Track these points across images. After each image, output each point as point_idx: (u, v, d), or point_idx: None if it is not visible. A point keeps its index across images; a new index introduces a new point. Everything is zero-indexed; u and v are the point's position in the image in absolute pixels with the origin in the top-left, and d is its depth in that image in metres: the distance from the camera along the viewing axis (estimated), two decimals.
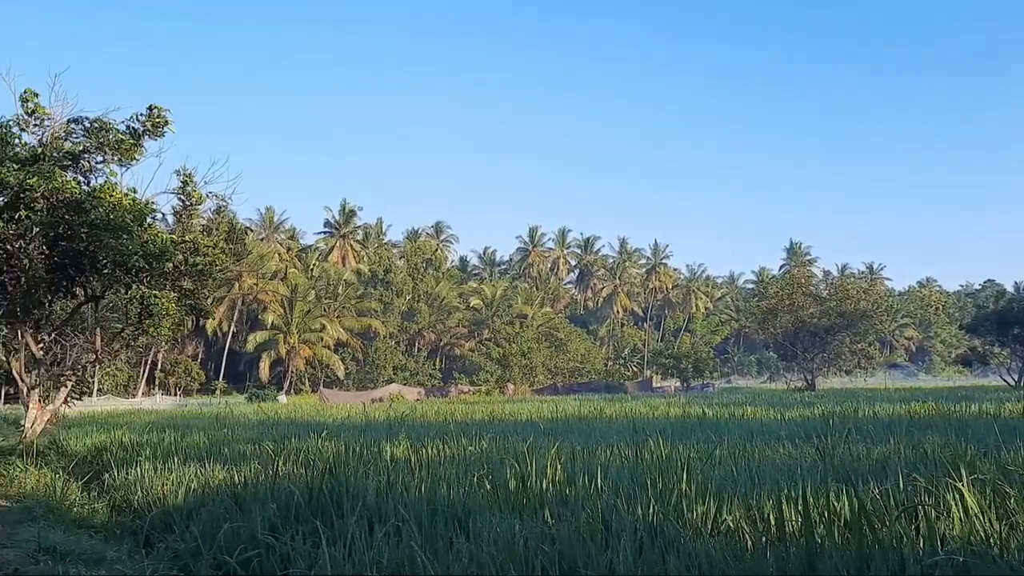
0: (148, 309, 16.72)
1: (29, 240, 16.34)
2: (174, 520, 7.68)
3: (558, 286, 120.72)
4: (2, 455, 15.71)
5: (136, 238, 15.89)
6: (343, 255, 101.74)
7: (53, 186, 15.65)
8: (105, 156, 17.25)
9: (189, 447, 13.46)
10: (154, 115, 17.23)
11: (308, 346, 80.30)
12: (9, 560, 6.71)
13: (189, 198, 18.36)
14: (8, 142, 17.03)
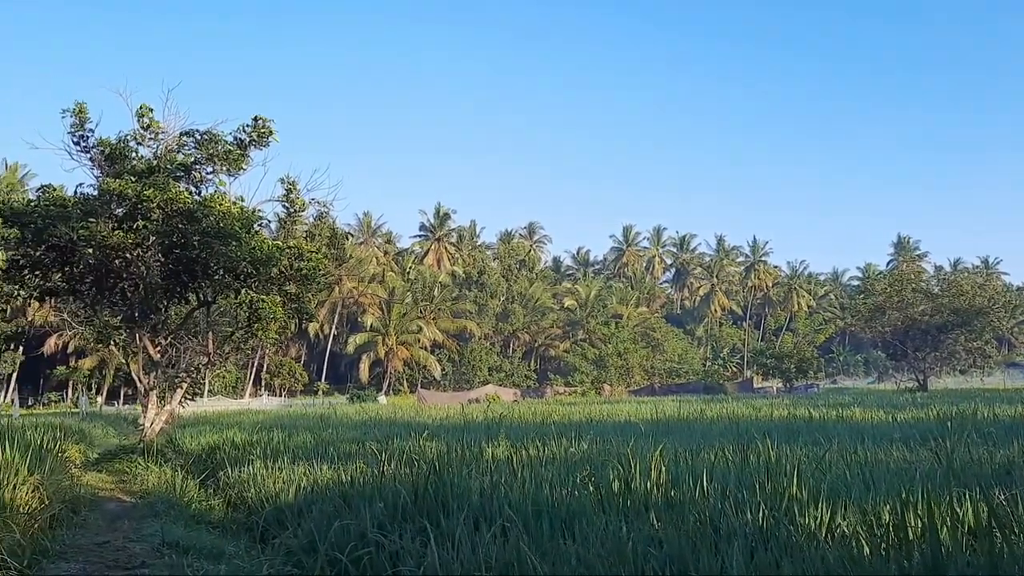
0: (256, 313, 17.35)
1: (146, 248, 17.18)
2: (286, 517, 7.92)
3: (653, 285, 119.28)
4: (125, 453, 16.58)
5: (244, 245, 16.53)
6: (438, 258, 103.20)
7: (168, 196, 16.44)
8: (215, 167, 18.02)
9: (297, 446, 13.81)
10: (259, 126, 17.89)
11: (405, 347, 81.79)
12: (136, 554, 7.06)
13: (293, 205, 18.98)
14: (126, 156, 18.00)
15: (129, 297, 18.29)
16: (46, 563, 6.61)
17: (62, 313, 23.77)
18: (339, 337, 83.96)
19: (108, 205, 17.20)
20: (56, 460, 10.50)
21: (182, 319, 19.88)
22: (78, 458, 15.24)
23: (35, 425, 16.11)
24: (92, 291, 18.47)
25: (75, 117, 17.95)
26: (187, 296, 19.07)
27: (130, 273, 17.62)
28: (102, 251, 16.64)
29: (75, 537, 7.82)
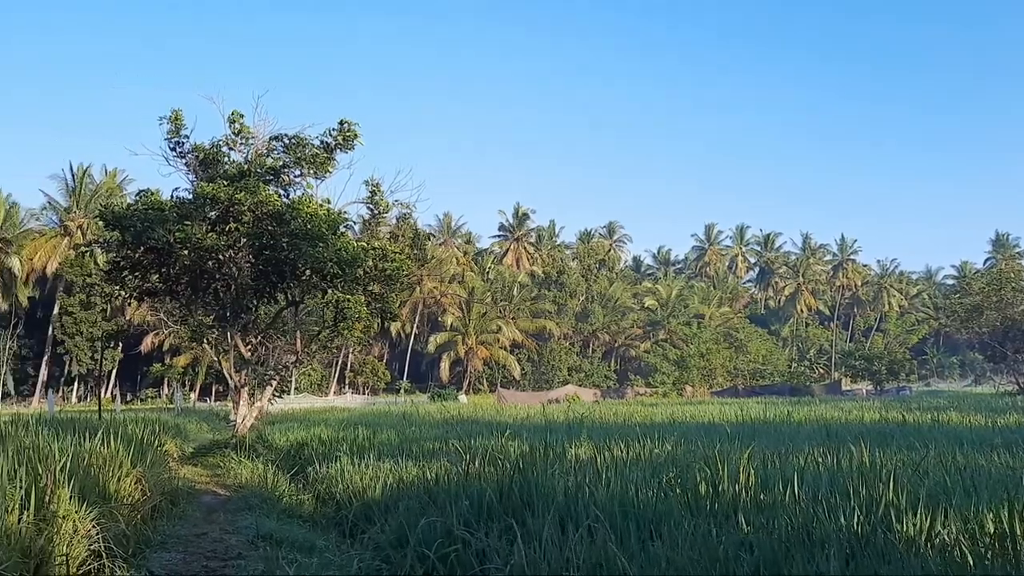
0: (342, 312, 17.74)
1: (238, 250, 17.75)
2: (374, 513, 8.07)
3: (736, 285, 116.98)
4: (218, 448, 17.16)
5: (331, 246, 16.91)
6: (517, 258, 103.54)
7: (258, 199, 16.95)
8: (302, 170, 18.49)
9: (382, 444, 14.03)
10: (344, 129, 18.28)
11: (485, 347, 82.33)
12: (232, 545, 7.31)
13: (377, 207, 19.33)
14: (219, 160, 18.64)
15: (221, 297, 18.90)
16: (149, 552, 6.89)
17: (159, 313, 24.76)
18: (420, 336, 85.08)
19: (202, 208, 17.82)
20: (156, 454, 10.94)
21: (271, 318, 20.44)
22: (175, 452, 15.84)
23: (134, 420, 16.81)
24: (187, 291, 19.16)
25: (171, 124, 18.68)
26: (276, 296, 19.60)
27: (222, 274, 18.20)
28: (197, 253, 17.25)
29: (174, 528, 8.13)
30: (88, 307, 72.32)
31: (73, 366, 73.47)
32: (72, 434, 9.28)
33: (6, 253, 70.83)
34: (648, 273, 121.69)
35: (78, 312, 72.38)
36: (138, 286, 19.26)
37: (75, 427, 10.94)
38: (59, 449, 7.51)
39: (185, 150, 18.92)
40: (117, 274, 18.89)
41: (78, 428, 10.52)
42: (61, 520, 5.79)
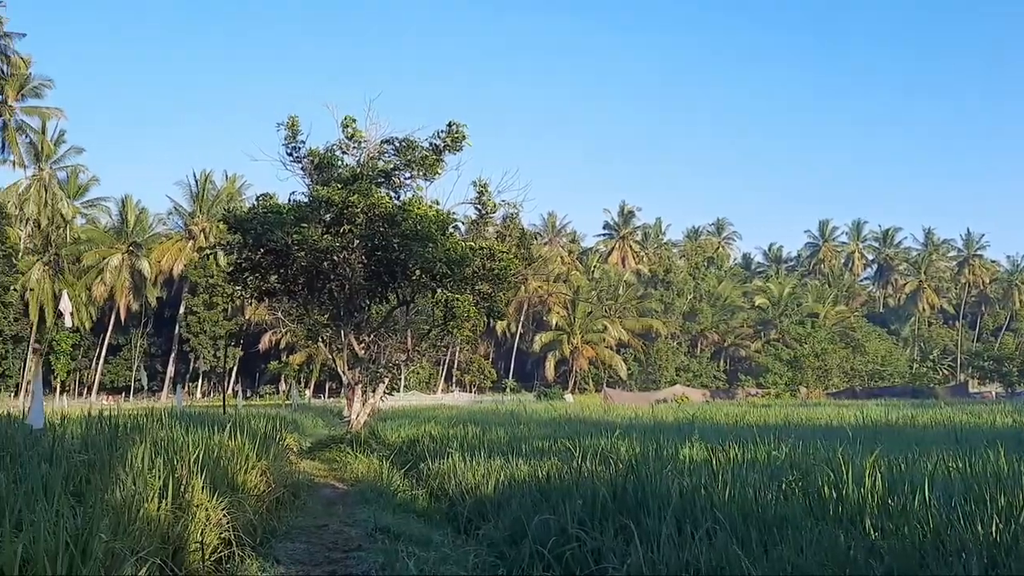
0: (452, 311, 17.99)
1: (351, 251, 18.24)
2: (487, 509, 8.15)
3: (853, 282, 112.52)
4: (334, 443, 17.70)
5: (440, 246, 17.18)
6: (623, 256, 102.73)
7: (370, 202, 17.39)
8: (412, 172, 18.86)
9: (491, 441, 14.12)
10: (453, 131, 18.54)
11: (591, 346, 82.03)
12: (352, 537, 7.53)
13: (484, 207, 19.51)
14: (333, 164, 19.22)
15: (336, 297, 19.47)
16: (275, 542, 7.17)
17: (276, 312, 25.72)
18: (525, 336, 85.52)
19: (318, 211, 18.42)
20: (278, 448, 11.36)
21: (383, 317, 20.94)
22: (294, 446, 16.44)
23: (255, 415, 17.52)
24: (304, 291, 19.83)
25: (288, 130, 19.38)
26: (387, 296, 20.05)
27: (337, 274, 18.75)
28: (313, 254, 17.82)
29: (297, 519, 8.44)
30: (211, 307, 75.96)
31: (198, 363, 77.30)
32: (201, 428, 9.75)
33: (137, 256, 75.14)
34: (759, 271, 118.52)
35: (202, 312, 76.11)
36: (258, 286, 20.04)
37: (203, 421, 11.51)
38: (191, 442, 7.91)
39: (301, 155, 19.59)
40: (239, 275, 19.72)
41: (206, 422, 11.06)
42: (195, 509, 6.08)
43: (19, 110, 60.74)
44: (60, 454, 6.32)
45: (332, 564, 6.45)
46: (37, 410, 8.06)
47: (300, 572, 6.13)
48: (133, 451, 6.57)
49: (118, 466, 6.14)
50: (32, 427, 7.94)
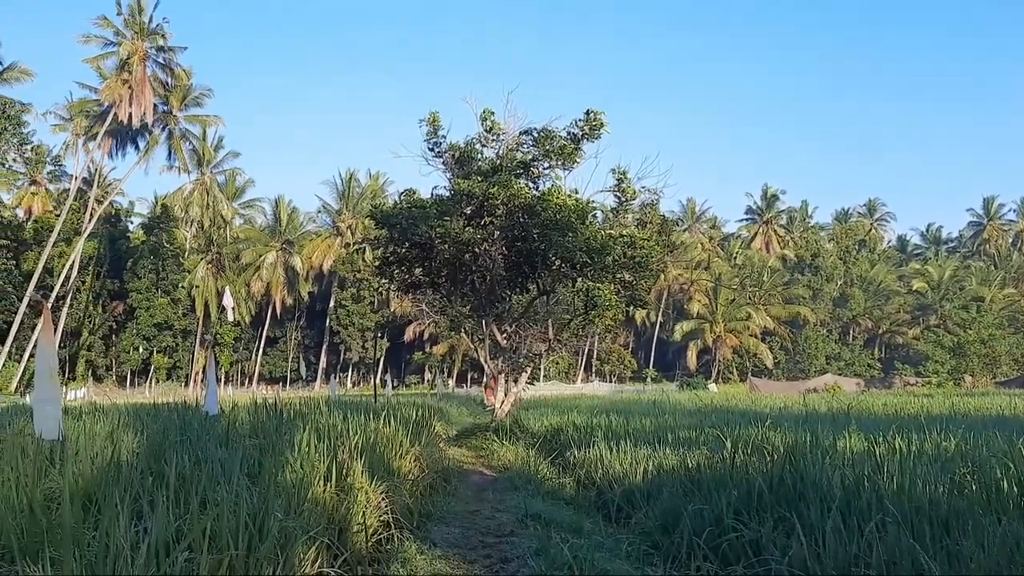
0: (593, 301, 17.91)
1: (492, 243, 18.47)
2: (635, 498, 8.08)
3: (1023, 264, 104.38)
4: (480, 431, 18.03)
5: (580, 235, 17.13)
6: (766, 241, 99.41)
7: (510, 193, 17.54)
8: (551, 162, 18.89)
9: (636, 430, 13.99)
10: (591, 119, 18.43)
11: (734, 335, 79.95)
12: (504, 523, 7.64)
13: (624, 194, 19.30)
14: (473, 158, 19.52)
15: (477, 288, 19.78)
16: (430, 525, 7.38)
17: (420, 304, 26.41)
18: (666, 324, 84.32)
19: (459, 204, 18.75)
20: (429, 435, 11.68)
21: (524, 307, 21.11)
22: (443, 434, 16.86)
23: (404, 404, 18.08)
24: (447, 283, 20.26)
25: (429, 126, 19.82)
26: (528, 286, 20.20)
27: (478, 266, 19.04)
28: (455, 246, 18.16)
29: (449, 504, 8.64)
30: (358, 300, 79.17)
31: (348, 354, 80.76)
32: (356, 415, 10.15)
33: (290, 253, 79.19)
34: (916, 253, 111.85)
35: (350, 305, 79.43)
36: (404, 279, 20.64)
37: (357, 409, 11.98)
38: (351, 428, 8.24)
39: (442, 150, 19.99)
40: (386, 268, 20.36)
41: (360, 410, 11.51)
42: (357, 492, 6.34)
43: (182, 119, 65.15)
44: (234, 438, 6.73)
45: (487, 548, 6.56)
46: (212, 398, 8.63)
47: (456, 555, 6.27)
48: (299, 436, 6.92)
49: (286, 450, 6.47)
50: (207, 413, 8.51)
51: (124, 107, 57.45)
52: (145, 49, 58.83)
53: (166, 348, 75.71)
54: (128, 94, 57.40)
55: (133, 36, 58.59)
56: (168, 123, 63.86)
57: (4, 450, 5.56)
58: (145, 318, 73.24)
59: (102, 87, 59.01)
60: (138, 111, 57.96)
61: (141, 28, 58.84)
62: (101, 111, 60.58)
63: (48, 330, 5.15)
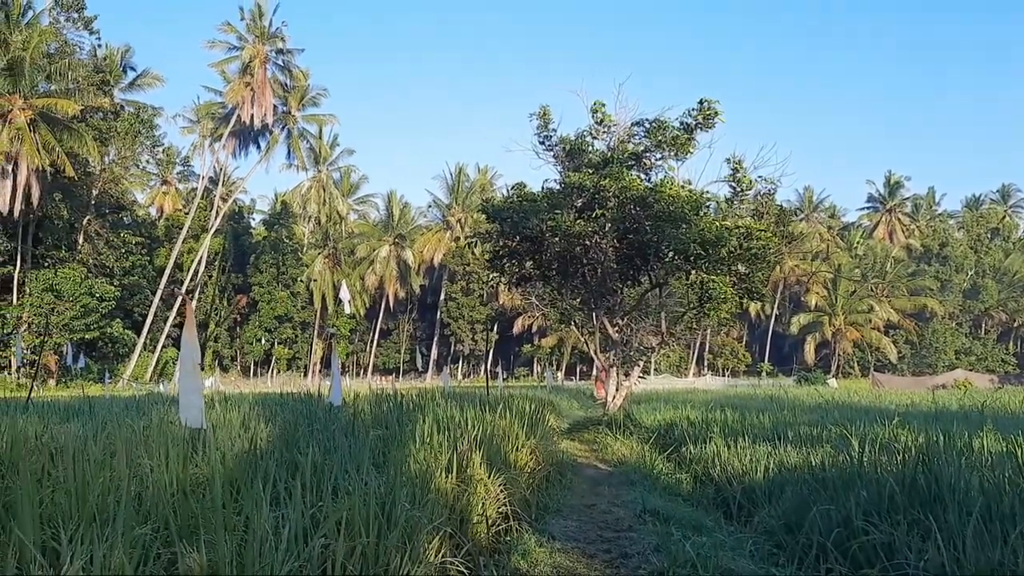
0: (708, 293, 17.57)
1: (603, 235, 18.38)
2: (756, 496, 7.89)
3: None
4: (592, 424, 17.99)
5: (694, 227, 16.83)
6: (889, 230, 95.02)
7: (622, 185, 17.41)
8: (663, 153, 18.63)
9: (753, 426, 13.68)
10: (704, 108, 18.06)
11: (855, 328, 76.89)
12: (621, 518, 7.60)
13: (739, 184, 18.84)
14: (583, 150, 19.47)
15: (588, 280, 19.73)
16: (548, 518, 7.42)
17: (530, 297, 26.55)
18: (781, 317, 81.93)
19: (570, 197, 18.74)
20: (543, 428, 11.74)
21: (636, 300, 20.92)
22: (556, 427, 16.90)
23: (514, 396, 18.22)
24: (557, 276, 20.30)
25: (540, 120, 19.88)
26: (640, 278, 20.01)
27: (589, 258, 18.98)
28: (566, 239, 18.16)
29: (565, 497, 8.67)
30: (468, 293, 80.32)
31: (458, 346, 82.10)
32: (470, 407, 10.30)
33: (402, 247, 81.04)
34: None
35: (460, 298, 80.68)
36: (515, 272, 20.80)
37: (472, 401, 12.16)
38: (468, 420, 8.38)
39: (552, 143, 20.02)
40: (498, 262, 20.58)
41: (474, 402, 11.67)
42: (476, 483, 6.43)
43: (300, 119, 67.53)
44: (359, 429, 6.94)
45: (606, 543, 6.55)
46: (336, 389, 8.93)
47: (576, 549, 6.29)
48: (420, 428, 7.08)
49: (408, 441, 6.64)
50: (332, 404, 8.81)
51: (246, 109, 60.02)
52: (265, 52, 61.24)
53: (286, 339, 78.79)
54: (250, 96, 59.92)
55: (254, 40, 61.11)
56: (287, 123, 66.35)
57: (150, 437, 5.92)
58: (267, 311, 76.42)
59: (226, 90, 61.87)
60: (259, 112, 60.44)
61: (262, 32, 61.28)
62: (225, 113, 63.51)
63: (191, 324, 5.45)
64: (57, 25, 54.19)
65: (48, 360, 49.21)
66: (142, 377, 56.16)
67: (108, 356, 56.93)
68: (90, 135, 49.95)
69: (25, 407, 11.85)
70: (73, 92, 49.72)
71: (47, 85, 49.70)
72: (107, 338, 55.12)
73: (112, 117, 57.50)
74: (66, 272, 50.46)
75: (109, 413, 10.05)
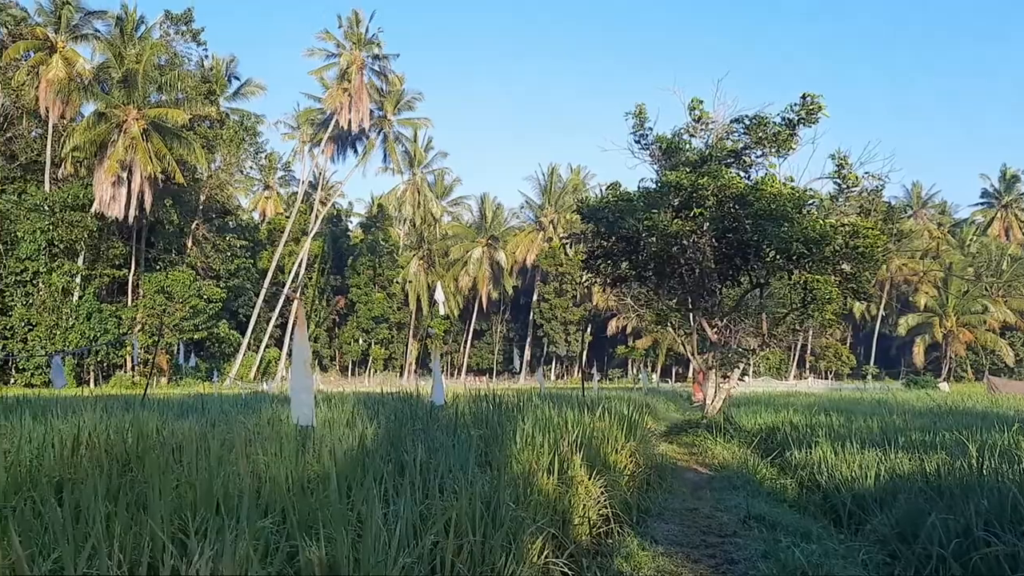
0: (812, 294, 17.05)
1: (701, 235, 18.05)
2: (866, 504, 7.61)
3: None
4: (690, 427, 17.71)
5: (796, 225, 16.34)
6: (1005, 227, 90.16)
7: (720, 183, 17.05)
8: (763, 149, 18.17)
9: (860, 431, 13.21)
10: (807, 103, 17.53)
11: (968, 329, 73.29)
12: (725, 523, 7.44)
13: (844, 181, 18.20)
14: (680, 148, 19.18)
15: (685, 281, 19.41)
16: (649, 521, 7.34)
17: (625, 298, 26.31)
18: (888, 318, 78.82)
19: (666, 196, 18.47)
20: (642, 430, 11.62)
21: (735, 301, 20.48)
22: (654, 429, 16.71)
23: (609, 398, 18.09)
24: (653, 277, 20.04)
25: (635, 118, 19.68)
26: (739, 279, 19.58)
27: (687, 259, 18.67)
28: (663, 239, 17.91)
29: (666, 501, 8.55)
30: (561, 294, 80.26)
31: (551, 347, 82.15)
32: (567, 408, 10.28)
33: (495, 248, 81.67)
34: None
35: (553, 299, 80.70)
36: (611, 273, 20.65)
37: (566, 402, 12.13)
38: (568, 422, 8.36)
39: (648, 142, 19.79)
40: (593, 263, 20.46)
41: (571, 403, 11.64)
42: (577, 485, 6.41)
43: (396, 123, 68.88)
44: (461, 428, 7.02)
45: (710, 548, 6.42)
46: (438, 389, 9.06)
47: (679, 553, 6.19)
48: (520, 428, 7.10)
49: (509, 441, 6.67)
50: (433, 403, 8.94)
51: (344, 114, 61.59)
52: (362, 58, 62.70)
53: (382, 340, 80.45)
54: (347, 102, 61.45)
55: (352, 47, 62.66)
56: (383, 127, 67.77)
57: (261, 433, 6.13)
58: (364, 311, 78.21)
59: (324, 96, 63.67)
60: (356, 117, 61.93)
61: (359, 38, 62.78)
62: (324, 119, 65.33)
63: (302, 325, 5.62)
64: (167, 38, 56.93)
65: (161, 359, 51.66)
66: (246, 376, 58.35)
67: (215, 355, 59.36)
68: (198, 143, 52.25)
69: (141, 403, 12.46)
70: (182, 102, 52.20)
71: (158, 96, 52.28)
72: (214, 338, 57.48)
73: (218, 125, 60.01)
74: (176, 275, 52.87)
75: (219, 410, 10.47)
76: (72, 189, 50.18)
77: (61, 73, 49.32)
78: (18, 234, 48.27)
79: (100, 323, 49.82)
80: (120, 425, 6.53)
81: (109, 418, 7.16)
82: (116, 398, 16.22)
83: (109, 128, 49.02)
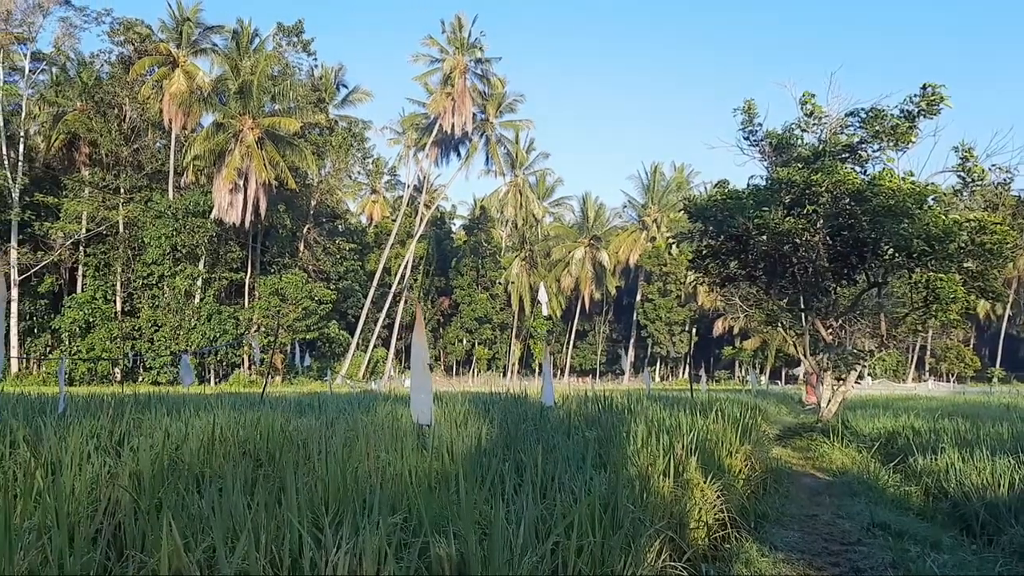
0: (934, 293, 16.28)
1: (814, 232, 17.48)
2: (1000, 513, 7.23)
3: None
4: (804, 431, 17.19)
5: (917, 221, 15.65)
6: None
7: (835, 179, 16.47)
8: (881, 143, 17.45)
9: (989, 437, 12.53)
10: (928, 94, 16.74)
11: None
12: (848, 530, 7.18)
13: (969, 174, 17.29)
14: (792, 144, 18.63)
15: (797, 280, 18.85)
16: (767, 527, 7.15)
17: (733, 298, 25.78)
18: (1015, 318, 74.45)
19: (777, 193, 17.96)
20: (756, 433, 11.35)
21: (851, 301, 19.75)
22: (768, 432, 16.29)
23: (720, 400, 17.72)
24: (763, 276, 19.54)
25: (744, 114, 19.23)
26: (855, 277, 18.88)
27: (799, 257, 18.11)
28: (774, 238, 17.44)
29: (783, 506, 8.32)
30: (665, 294, 79.22)
31: (655, 348, 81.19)
32: (679, 410, 10.13)
33: (597, 248, 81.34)
34: None
35: (656, 299, 79.74)
36: (719, 273, 20.24)
37: (676, 404, 11.96)
38: (681, 424, 8.25)
39: (758, 138, 19.29)
40: (700, 262, 20.10)
41: (683, 405, 11.47)
42: (693, 488, 6.32)
43: (498, 125, 69.46)
44: (574, 429, 7.02)
45: (833, 556, 6.21)
46: (548, 390, 9.09)
47: (800, 560, 6.01)
48: (634, 430, 7.05)
49: (624, 443, 6.63)
50: (544, 404, 8.98)
51: (447, 118, 62.54)
52: (465, 63, 63.52)
53: (486, 340, 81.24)
54: (451, 106, 62.37)
55: (455, 52, 63.57)
56: (485, 130, 68.47)
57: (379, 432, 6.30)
58: (467, 312, 79.18)
59: (428, 101, 64.82)
60: (459, 121, 62.79)
61: (462, 43, 63.63)
62: (428, 123, 66.52)
63: (421, 326, 5.74)
64: (279, 49, 59.20)
65: (276, 358, 53.75)
66: (355, 375, 59.97)
67: (326, 355, 61.27)
68: (309, 150, 54.15)
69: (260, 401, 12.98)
70: (294, 111, 54.18)
71: (272, 105, 54.44)
72: (325, 338, 59.34)
73: (327, 132, 61.99)
74: (289, 277, 54.89)
75: (335, 409, 10.80)
76: (193, 196, 52.84)
77: (183, 86, 52.01)
78: (145, 240, 51.21)
79: (219, 324, 52.25)
80: (248, 422, 6.83)
81: (239, 416, 7.50)
82: (237, 396, 16.99)
83: (226, 137, 51.36)
